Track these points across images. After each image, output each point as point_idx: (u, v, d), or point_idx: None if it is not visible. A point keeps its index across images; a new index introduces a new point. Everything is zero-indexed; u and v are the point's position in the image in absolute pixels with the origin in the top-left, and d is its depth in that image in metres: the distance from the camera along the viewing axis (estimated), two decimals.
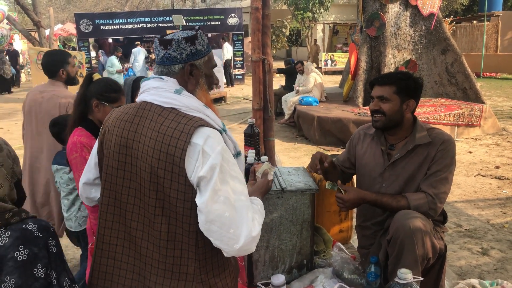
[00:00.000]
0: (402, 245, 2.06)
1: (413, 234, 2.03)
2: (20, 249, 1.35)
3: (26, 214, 1.42)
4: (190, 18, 16.04)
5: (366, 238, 2.46)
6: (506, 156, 6.78)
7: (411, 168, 2.25)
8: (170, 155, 1.41)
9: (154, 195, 1.46)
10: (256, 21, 3.11)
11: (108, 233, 1.60)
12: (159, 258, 1.51)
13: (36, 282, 1.36)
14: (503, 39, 17.97)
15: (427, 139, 2.24)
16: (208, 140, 1.42)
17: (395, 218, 2.13)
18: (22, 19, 27.23)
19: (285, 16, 23.32)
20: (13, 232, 1.36)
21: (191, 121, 1.43)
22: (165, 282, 1.51)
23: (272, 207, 2.18)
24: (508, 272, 3.51)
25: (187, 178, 1.42)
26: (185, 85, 1.54)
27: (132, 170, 1.52)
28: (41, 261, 1.38)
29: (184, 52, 1.51)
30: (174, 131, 1.42)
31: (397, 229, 2.08)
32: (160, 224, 1.48)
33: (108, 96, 2.36)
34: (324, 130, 7.73)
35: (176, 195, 1.44)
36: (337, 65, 19.29)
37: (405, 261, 2.03)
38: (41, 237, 1.40)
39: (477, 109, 7.89)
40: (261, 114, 3.27)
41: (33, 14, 11.33)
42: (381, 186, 2.32)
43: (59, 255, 1.46)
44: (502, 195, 5.23)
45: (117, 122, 1.56)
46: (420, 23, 9.07)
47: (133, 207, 1.54)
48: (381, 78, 2.34)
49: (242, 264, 2.48)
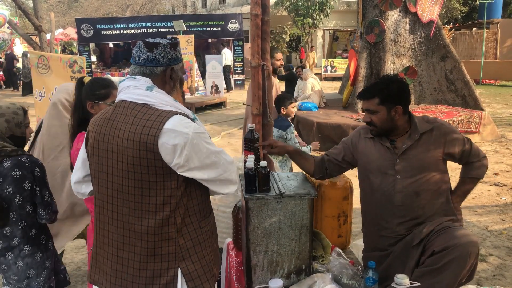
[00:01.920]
0: (451, 263, 2.04)
1: (469, 257, 2.04)
2: (15, 170, 2.30)
3: (22, 152, 2.37)
4: (190, 24, 16.10)
5: (385, 238, 2.42)
6: (505, 163, 6.79)
7: (421, 155, 2.33)
8: (143, 142, 1.52)
9: (133, 184, 1.56)
10: (255, 27, 3.12)
11: (98, 224, 1.73)
12: (141, 244, 1.60)
13: (25, 192, 2.33)
14: (502, 47, 18.04)
15: (428, 126, 2.36)
16: (180, 123, 1.55)
17: (456, 234, 2.12)
18: (23, 23, 27.31)
19: (285, 22, 23.40)
20: (12, 160, 2.31)
21: (164, 112, 1.56)
22: (149, 266, 1.61)
23: (270, 212, 2.19)
24: (506, 279, 3.52)
25: (163, 161, 1.53)
26: (164, 86, 1.68)
27: (109, 163, 1.62)
28: (28, 179, 2.33)
29: (167, 56, 1.65)
30: (147, 122, 1.54)
31: (455, 246, 2.05)
32: (141, 211, 1.58)
33: (98, 93, 2.38)
34: (324, 135, 7.74)
35: (155, 178, 1.55)
36: (337, 71, 19.34)
37: (444, 278, 2.02)
38: (29, 166, 2.35)
39: (476, 116, 7.91)
40: (260, 120, 3.28)
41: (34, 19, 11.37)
42: (396, 178, 2.35)
43: (42, 178, 2.40)
44: (500, 202, 5.23)
45: (98, 121, 1.69)
46: (419, 30, 9.11)
47: (112, 199, 1.64)
48: (363, 92, 2.43)
49: (241, 268, 2.49)
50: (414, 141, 2.33)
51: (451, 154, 2.38)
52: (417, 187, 2.32)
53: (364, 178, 2.51)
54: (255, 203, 2.17)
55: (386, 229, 2.42)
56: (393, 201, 2.36)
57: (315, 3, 22.49)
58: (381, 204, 2.42)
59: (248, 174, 2.20)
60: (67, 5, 32.61)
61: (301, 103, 9.07)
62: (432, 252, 2.13)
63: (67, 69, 4.42)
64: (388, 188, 2.37)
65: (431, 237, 2.20)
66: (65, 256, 4.08)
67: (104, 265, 1.70)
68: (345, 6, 26.67)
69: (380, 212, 2.44)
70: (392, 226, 2.39)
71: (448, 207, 2.38)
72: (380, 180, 2.40)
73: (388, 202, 2.38)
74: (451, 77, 9.21)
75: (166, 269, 1.61)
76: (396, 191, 2.35)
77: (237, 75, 17.16)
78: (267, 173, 2.21)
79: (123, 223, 1.62)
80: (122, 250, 1.64)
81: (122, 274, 1.64)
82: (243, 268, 2.39)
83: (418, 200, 2.32)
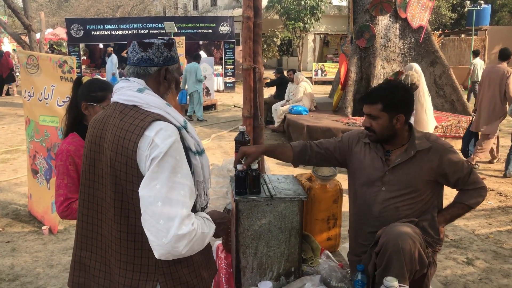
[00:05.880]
0: (390, 259, 2.06)
1: (402, 249, 2.03)
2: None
3: None
4: (181, 26, 16.05)
5: (359, 245, 2.44)
6: (492, 168, 6.88)
7: (412, 172, 2.27)
8: (124, 148, 1.48)
9: (114, 188, 1.53)
10: (247, 29, 3.13)
11: (85, 226, 1.68)
12: (121, 250, 1.56)
13: None
14: (490, 53, 18.28)
15: (427, 144, 2.29)
16: (160, 132, 1.47)
17: (385, 231, 2.14)
18: (12, 22, 27.02)
19: (277, 25, 23.47)
20: None
21: (148, 117, 1.50)
22: (128, 274, 1.56)
23: (261, 214, 2.19)
24: (492, 282, 3.56)
25: (139, 170, 1.47)
26: (158, 87, 1.64)
27: (100, 166, 1.60)
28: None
29: (161, 56, 1.61)
30: (130, 126, 1.50)
31: (386, 242, 2.08)
32: (120, 216, 1.54)
33: (95, 95, 2.30)
34: (313, 139, 7.67)
35: (132, 187, 1.49)
36: (327, 75, 19.43)
37: (391, 275, 2.01)
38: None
39: (464, 121, 8.00)
40: (251, 122, 3.29)
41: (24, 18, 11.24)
42: (380, 189, 2.33)
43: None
44: (487, 206, 5.30)
45: (93, 123, 1.67)
46: (409, 35, 9.20)
47: (102, 201, 1.61)
48: (367, 96, 2.36)
49: (231, 271, 2.48)
50: (409, 158, 2.28)
51: (444, 176, 2.30)
52: (398, 203, 2.29)
53: (352, 182, 2.51)
54: (245, 205, 2.18)
55: (360, 235, 2.44)
56: (371, 211, 2.35)
57: (306, 7, 22.60)
58: (360, 212, 2.42)
59: (238, 176, 2.20)
60: (57, 5, 32.30)
61: (292, 106, 9.10)
62: (376, 254, 2.16)
63: (57, 69, 4.38)
64: (370, 197, 2.35)
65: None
66: (51, 257, 4.04)
67: (91, 267, 1.67)
68: (336, 11, 26.83)
69: (358, 219, 2.45)
70: (365, 233, 2.39)
71: (430, 227, 2.31)
72: (365, 188, 2.38)
73: (367, 210, 2.37)
74: (440, 82, 9.31)
75: (144, 280, 1.54)
76: (376, 201, 2.33)
77: (228, 77, 17.15)
78: (257, 175, 2.22)
79: (108, 227, 1.59)
80: (108, 253, 1.62)
81: (111, 276, 1.62)
82: (233, 271, 2.39)
83: (396, 215, 2.29)
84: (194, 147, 1.61)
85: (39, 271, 3.82)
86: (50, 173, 4.67)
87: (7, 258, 4.06)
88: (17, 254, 4.14)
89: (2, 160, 7.54)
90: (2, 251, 4.21)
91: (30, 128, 4.93)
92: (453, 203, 2.41)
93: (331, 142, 2.55)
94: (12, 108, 13.11)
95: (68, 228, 4.71)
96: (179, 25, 15.73)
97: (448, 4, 26.35)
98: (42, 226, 4.69)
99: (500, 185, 6.07)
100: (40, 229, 4.65)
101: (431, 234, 2.32)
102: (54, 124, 4.52)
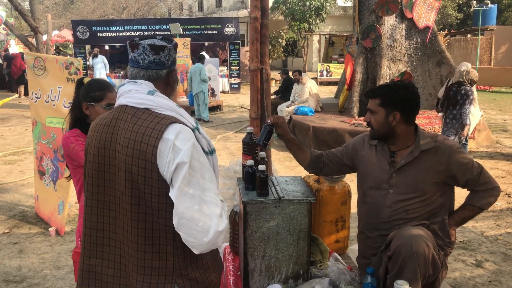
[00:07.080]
0: (403, 263, 2.03)
1: (416, 252, 2.01)
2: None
3: None
4: (187, 27, 16.07)
5: (369, 248, 2.42)
6: (500, 168, 6.82)
7: (418, 173, 2.25)
8: (142, 151, 1.47)
9: (130, 193, 1.52)
10: (254, 30, 3.12)
11: (94, 233, 1.65)
12: (138, 255, 1.55)
13: None
14: (497, 53, 18.19)
15: (432, 144, 2.26)
16: (179, 135, 1.48)
17: (398, 234, 2.12)
18: (19, 24, 27.18)
19: (282, 26, 23.45)
20: None
21: (164, 120, 1.51)
22: (146, 278, 1.55)
23: (269, 216, 2.18)
24: (502, 285, 3.52)
25: (160, 174, 1.47)
26: (166, 88, 1.65)
27: (111, 170, 1.58)
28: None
29: (170, 59, 1.64)
30: (146, 129, 1.49)
31: (400, 246, 2.05)
32: (137, 221, 1.53)
33: (93, 95, 2.40)
34: (319, 140, 7.73)
35: (151, 190, 1.49)
36: (333, 75, 19.39)
37: (405, 279, 1.99)
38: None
39: None
40: (258, 123, 3.27)
41: (31, 20, 11.29)
42: (388, 192, 2.31)
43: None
44: (496, 208, 5.25)
45: (98, 127, 1.64)
46: (415, 35, 9.15)
47: (115, 206, 1.59)
48: (370, 90, 2.38)
49: (238, 273, 2.47)
50: (413, 158, 2.26)
51: (453, 178, 2.26)
52: (407, 206, 2.27)
53: (360, 185, 2.50)
54: (253, 207, 2.16)
55: (370, 238, 2.42)
56: (380, 214, 2.33)
57: (311, 8, 22.57)
58: (369, 215, 2.41)
59: (248, 172, 2.20)
60: (63, 7, 32.47)
61: (297, 107, 9.07)
62: (389, 258, 2.13)
63: (64, 70, 4.39)
64: (379, 200, 2.34)
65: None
66: (59, 259, 4.04)
67: (104, 274, 1.64)
68: (341, 11, 26.78)
69: (368, 222, 2.43)
70: (375, 236, 2.38)
71: (441, 230, 2.30)
72: (374, 191, 2.37)
73: (376, 214, 2.35)
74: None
75: (163, 283, 1.54)
76: (385, 205, 2.31)
77: (233, 78, 17.15)
78: (265, 176, 2.20)
79: (124, 231, 1.58)
80: (125, 258, 1.60)
81: (127, 280, 1.60)
82: (240, 273, 2.37)
83: (406, 218, 2.27)
84: (206, 147, 1.62)
85: (46, 273, 3.82)
86: (56, 175, 4.68)
87: (14, 260, 4.07)
88: (24, 256, 4.15)
89: (9, 162, 7.57)
90: (10, 252, 4.22)
91: (37, 130, 4.95)
92: (464, 205, 2.37)
93: (338, 149, 2.59)
94: (19, 109, 13.18)
95: (74, 230, 4.71)
96: (184, 26, 15.75)
97: (454, 4, 26.24)
98: (49, 227, 4.69)
99: (508, 186, 6.02)
100: (47, 231, 4.65)
101: (442, 237, 2.30)
102: (60, 126, 4.52)
